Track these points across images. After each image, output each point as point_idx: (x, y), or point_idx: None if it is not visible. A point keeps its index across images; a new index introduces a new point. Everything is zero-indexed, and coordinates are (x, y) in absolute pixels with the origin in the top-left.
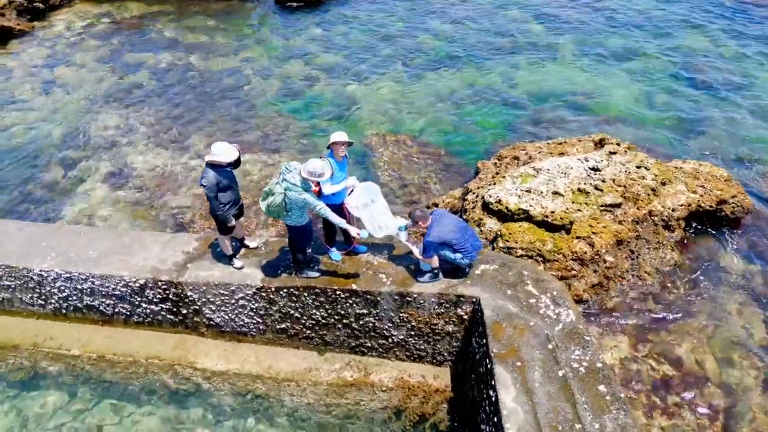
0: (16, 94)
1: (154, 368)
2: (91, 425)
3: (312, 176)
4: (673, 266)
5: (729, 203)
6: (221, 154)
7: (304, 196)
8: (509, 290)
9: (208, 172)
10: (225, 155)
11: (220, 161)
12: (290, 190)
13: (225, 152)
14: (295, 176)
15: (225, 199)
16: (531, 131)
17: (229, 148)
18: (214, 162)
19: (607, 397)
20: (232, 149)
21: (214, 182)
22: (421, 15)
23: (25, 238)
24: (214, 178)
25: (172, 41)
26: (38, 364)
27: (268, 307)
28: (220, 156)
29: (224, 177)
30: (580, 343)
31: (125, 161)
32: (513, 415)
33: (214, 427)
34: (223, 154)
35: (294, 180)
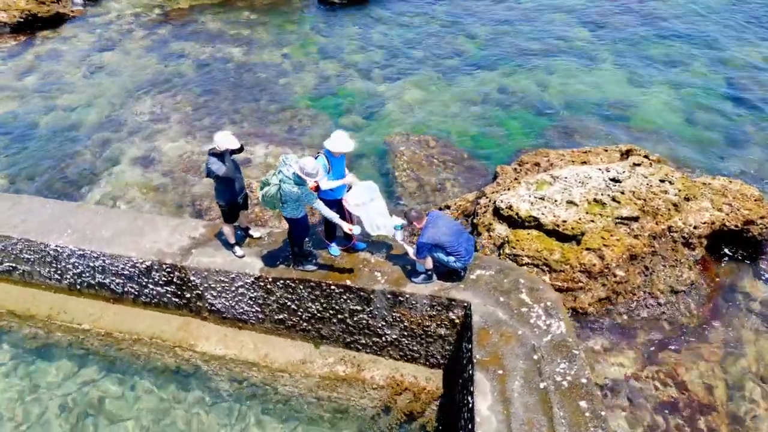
0: (63, 77)
1: (157, 348)
2: (95, 397)
3: (305, 175)
4: (689, 286)
5: (757, 224)
6: (225, 142)
7: (296, 189)
8: (502, 297)
9: (215, 161)
10: (229, 144)
11: (223, 150)
12: (284, 182)
13: (228, 141)
14: (290, 170)
15: (233, 188)
16: (560, 139)
17: (231, 137)
18: (218, 151)
19: (586, 414)
20: (233, 138)
21: (222, 171)
22: (462, 17)
23: (47, 215)
24: (221, 166)
25: (216, 34)
26: (51, 335)
27: (266, 296)
28: (225, 144)
29: (231, 163)
30: (567, 357)
31: (155, 146)
32: (486, 423)
33: (210, 408)
34: (227, 142)
35: (288, 173)
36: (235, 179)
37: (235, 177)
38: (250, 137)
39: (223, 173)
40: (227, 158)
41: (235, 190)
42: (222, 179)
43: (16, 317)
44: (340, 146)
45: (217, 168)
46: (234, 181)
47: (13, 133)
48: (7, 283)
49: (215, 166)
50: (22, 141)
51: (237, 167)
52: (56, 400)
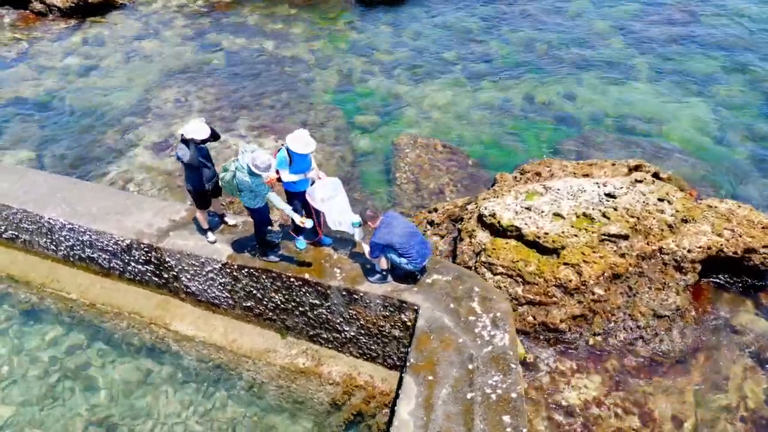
0: (103, 61)
1: (134, 323)
2: (78, 363)
3: (255, 168)
4: (674, 312)
5: (759, 253)
6: (197, 131)
7: (248, 179)
8: (453, 304)
9: (183, 147)
10: (200, 132)
11: (194, 138)
12: (239, 170)
13: (200, 129)
14: (245, 159)
15: (199, 175)
16: (576, 152)
17: (203, 125)
18: (189, 138)
19: (507, 429)
20: (205, 127)
21: (192, 158)
22: (499, 21)
23: (46, 188)
24: (192, 154)
25: (252, 27)
26: (43, 301)
27: (234, 283)
28: (195, 133)
29: (201, 153)
30: (502, 370)
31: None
32: (403, 428)
33: (179, 386)
34: (199, 131)
35: (243, 163)
36: (203, 166)
37: (201, 164)
38: (263, 129)
39: (188, 160)
40: (193, 146)
41: (202, 176)
42: (188, 165)
43: (15, 282)
44: (299, 147)
45: (183, 154)
46: (200, 168)
47: (49, 111)
48: (10, 249)
49: (182, 152)
50: (55, 118)
51: (207, 155)
52: (40, 363)
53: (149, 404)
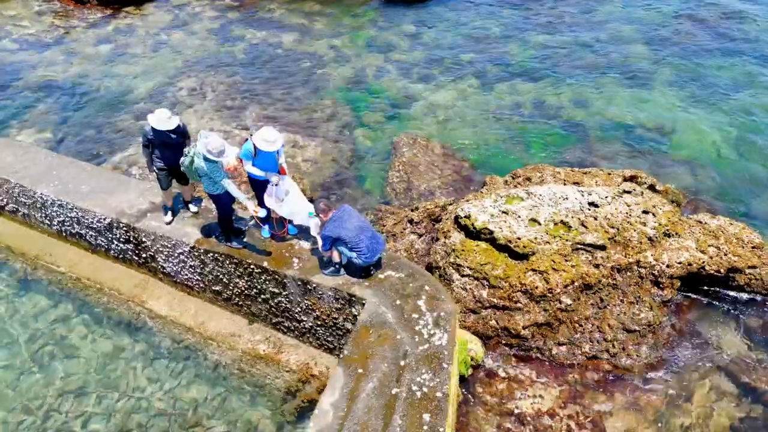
0: (130, 49)
1: (114, 299)
2: (60, 333)
3: (209, 153)
4: (645, 327)
5: (744, 273)
6: (152, 118)
7: (203, 164)
8: (399, 300)
9: (147, 126)
10: (156, 122)
11: (152, 125)
12: (196, 156)
13: (157, 119)
14: (201, 146)
15: (158, 155)
16: (579, 158)
17: (165, 118)
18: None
19: (424, 427)
20: (167, 120)
21: (144, 135)
22: (522, 23)
23: (45, 165)
24: (146, 133)
25: (276, 21)
26: (36, 272)
27: (202, 267)
28: (151, 123)
29: (160, 136)
30: (433, 368)
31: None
32: (322, 417)
33: (150, 362)
34: (155, 120)
35: (200, 149)
36: (162, 151)
37: (158, 149)
38: (268, 121)
39: (143, 142)
40: (157, 132)
41: (160, 161)
42: (153, 148)
43: (12, 252)
44: (263, 144)
45: (143, 139)
46: (159, 153)
47: (73, 93)
48: (12, 221)
49: (142, 138)
50: (78, 101)
51: (169, 143)
52: (28, 329)
53: (120, 377)
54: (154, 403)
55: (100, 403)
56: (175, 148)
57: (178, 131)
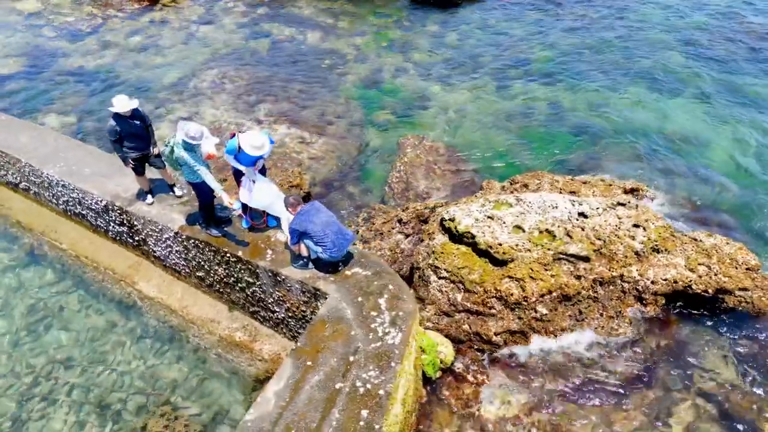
0: (160, 41)
1: (108, 278)
2: (57, 306)
3: (191, 139)
4: (624, 342)
5: (734, 295)
6: (116, 104)
7: (182, 153)
8: (361, 297)
9: (110, 120)
10: (119, 106)
11: (116, 111)
12: (176, 146)
13: (120, 103)
14: (180, 134)
15: (128, 145)
16: (590, 167)
17: (126, 101)
18: (114, 112)
19: (361, 422)
20: (129, 102)
21: (112, 129)
22: (548, 27)
23: (54, 147)
24: (114, 127)
25: (304, 18)
26: (41, 247)
27: (186, 252)
28: (115, 106)
29: (125, 126)
30: (381, 367)
31: (198, 111)
32: (263, 405)
33: (137, 340)
34: (118, 104)
35: (179, 138)
36: (131, 141)
37: (126, 140)
38: (280, 116)
39: (111, 139)
40: (122, 122)
41: (128, 147)
42: (120, 137)
43: (22, 227)
44: (249, 149)
45: (111, 136)
46: (128, 143)
47: (101, 81)
48: (25, 198)
49: (109, 135)
50: (104, 88)
51: (138, 128)
52: (28, 300)
53: (108, 352)
54: (135, 380)
55: (85, 375)
56: (141, 133)
57: (138, 115)
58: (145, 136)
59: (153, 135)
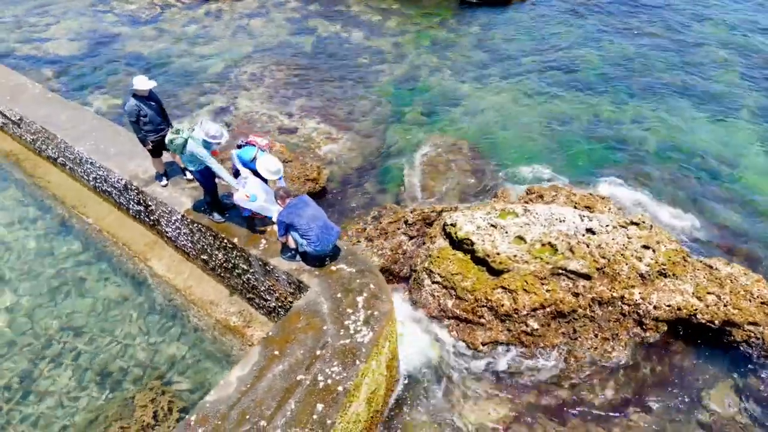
0: (212, 32)
1: (124, 254)
2: (79, 275)
3: (212, 139)
4: (616, 365)
5: (743, 329)
6: (137, 84)
7: (198, 150)
8: (340, 293)
9: (130, 100)
10: (139, 85)
11: (136, 90)
12: (192, 139)
13: (140, 83)
14: (200, 134)
15: (146, 128)
16: (618, 184)
17: (145, 80)
18: (135, 92)
19: (314, 416)
20: (147, 82)
21: (135, 109)
22: (600, 33)
23: (88, 126)
24: (135, 107)
25: (351, 16)
26: (71, 219)
27: (192, 235)
28: (137, 86)
29: (144, 106)
30: (345, 363)
31: (235, 102)
32: (224, 388)
33: (146, 315)
34: (139, 84)
35: (198, 135)
36: (148, 121)
37: (144, 120)
38: (312, 110)
39: (131, 120)
40: (142, 102)
41: (146, 130)
42: (139, 117)
43: (56, 199)
44: (266, 173)
45: (130, 117)
46: (147, 124)
47: (151, 67)
48: (62, 172)
49: (129, 117)
50: (153, 74)
51: (156, 109)
52: (55, 267)
53: (117, 323)
54: (137, 352)
55: (93, 343)
56: (157, 114)
57: (153, 97)
58: (161, 117)
59: (167, 116)
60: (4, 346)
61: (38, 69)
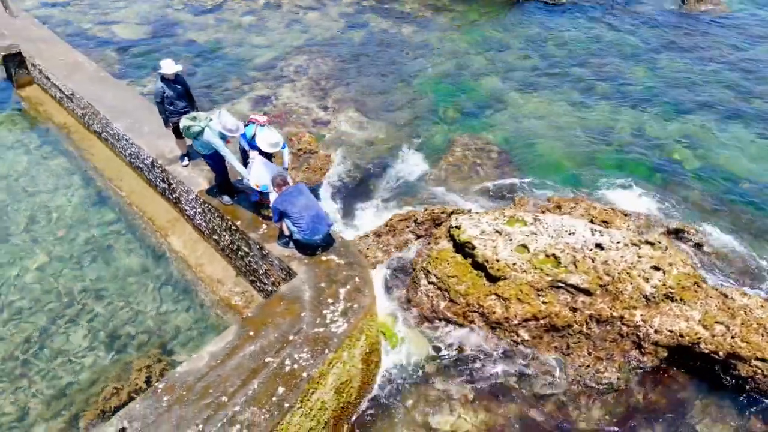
0: (267, 23)
1: (148, 228)
2: (109, 243)
3: (228, 132)
4: (610, 388)
5: (749, 363)
6: (164, 67)
7: (215, 140)
8: (324, 283)
9: (158, 82)
10: (166, 68)
11: (163, 73)
12: (209, 128)
13: (167, 66)
14: (217, 124)
15: (170, 108)
16: (650, 204)
17: (172, 64)
18: (162, 74)
19: (274, 398)
20: (174, 66)
21: (160, 91)
22: (659, 45)
23: (130, 105)
24: (161, 89)
25: (405, 12)
26: (107, 191)
27: (204, 215)
28: (163, 69)
29: (169, 88)
30: (314, 351)
31: (276, 92)
32: (196, 361)
33: (160, 286)
34: (166, 67)
35: (216, 126)
36: (174, 103)
37: (169, 102)
38: (348, 101)
39: (157, 100)
40: (168, 84)
41: (170, 111)
42: (163, 99)
43: (97, 171)
44: (266, 147)
45: (157, 98)
46: (172, 105)
47: (204, 54)
48: (105, 146)
49: (156, 96)
50: (204, 61)
51: (181, 92)
52: (88, 233)
53: (133, 292)
54: (147, 320)
55: (109, 307)
56: (182, 97)
57: (180, 80)
58: (186, 100)
59: (194, 100)
60: (32, 301)
61: (103, 49)
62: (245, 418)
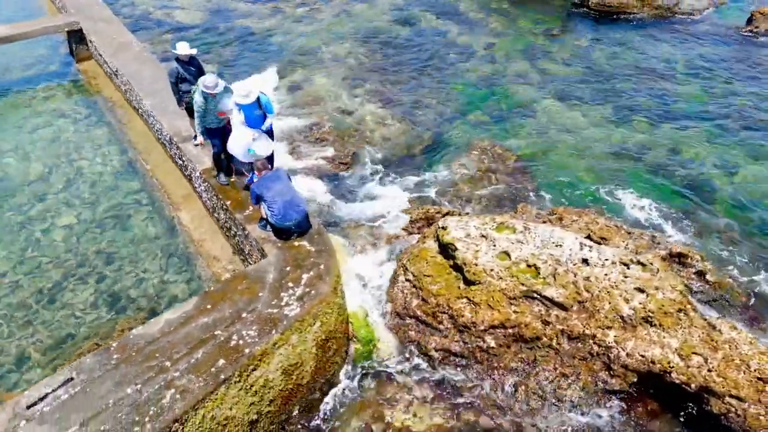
0: (318, 14)
1: (165, 201)
2: (129, 213)
3: (206, 88)
4: (572, 407)
5: (722, 400)
6: (179, 49)
7: (197, 97)
8: (289, 267)
9: (172, 63)
10: (180, 50)
11: (178, 54)
12: (195, 92)
13: (181, 48)
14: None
15: (184, 89)
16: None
17: (186, 47)
18: (177, 56)
19: (212, 369)
20: (188, 49)
21: (174, 72)
22: (714, 68)
23: (162, 85)
24: (175, 70)
25: (457, 12)
26: (136, 162)
27: (207, 192)
28: (178, 51)
29: (183, 70)
30: (262, 330)
31: (310, 78)
32: (152, 325)
33: (168, 257)
34: (180, 49)
35: (199, 85)
36: (187, 84)
37: (183, 83)
38: (377, 94)
39: (172, 81)
40: (182, 66)
41: (183, 91)
42: (178, 80)
43: (130, 143)
44: (239, 98)
45: (171, 78)
46: (185, 86)
47: (254, 41)
48: (140, 120)
49: (170, 78)
50: (251, 46)
51: (195, 74)
52: (114, 200)
53: (143, 258)
54: (148, 287)
55: (118, 271)
56: (196, 79)
57: (195, 63)
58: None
59: None
60: (54, 257)
61: (160, 32)
62: (182, 384)
